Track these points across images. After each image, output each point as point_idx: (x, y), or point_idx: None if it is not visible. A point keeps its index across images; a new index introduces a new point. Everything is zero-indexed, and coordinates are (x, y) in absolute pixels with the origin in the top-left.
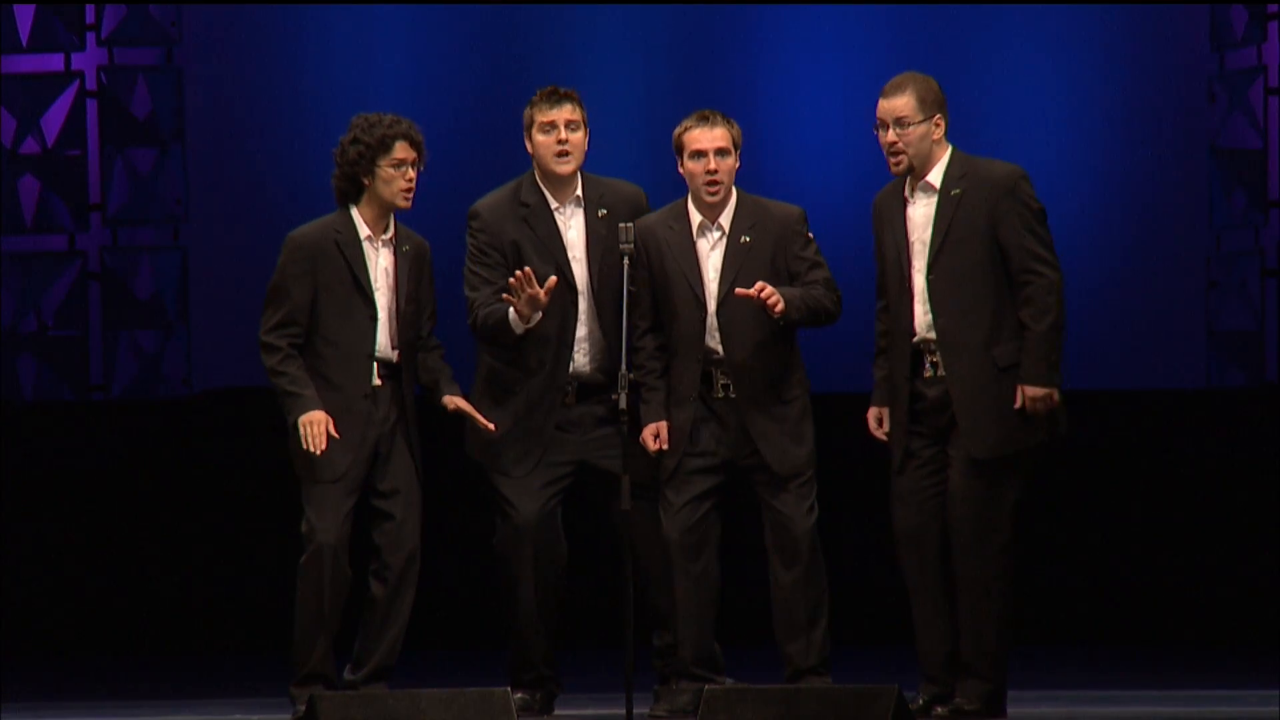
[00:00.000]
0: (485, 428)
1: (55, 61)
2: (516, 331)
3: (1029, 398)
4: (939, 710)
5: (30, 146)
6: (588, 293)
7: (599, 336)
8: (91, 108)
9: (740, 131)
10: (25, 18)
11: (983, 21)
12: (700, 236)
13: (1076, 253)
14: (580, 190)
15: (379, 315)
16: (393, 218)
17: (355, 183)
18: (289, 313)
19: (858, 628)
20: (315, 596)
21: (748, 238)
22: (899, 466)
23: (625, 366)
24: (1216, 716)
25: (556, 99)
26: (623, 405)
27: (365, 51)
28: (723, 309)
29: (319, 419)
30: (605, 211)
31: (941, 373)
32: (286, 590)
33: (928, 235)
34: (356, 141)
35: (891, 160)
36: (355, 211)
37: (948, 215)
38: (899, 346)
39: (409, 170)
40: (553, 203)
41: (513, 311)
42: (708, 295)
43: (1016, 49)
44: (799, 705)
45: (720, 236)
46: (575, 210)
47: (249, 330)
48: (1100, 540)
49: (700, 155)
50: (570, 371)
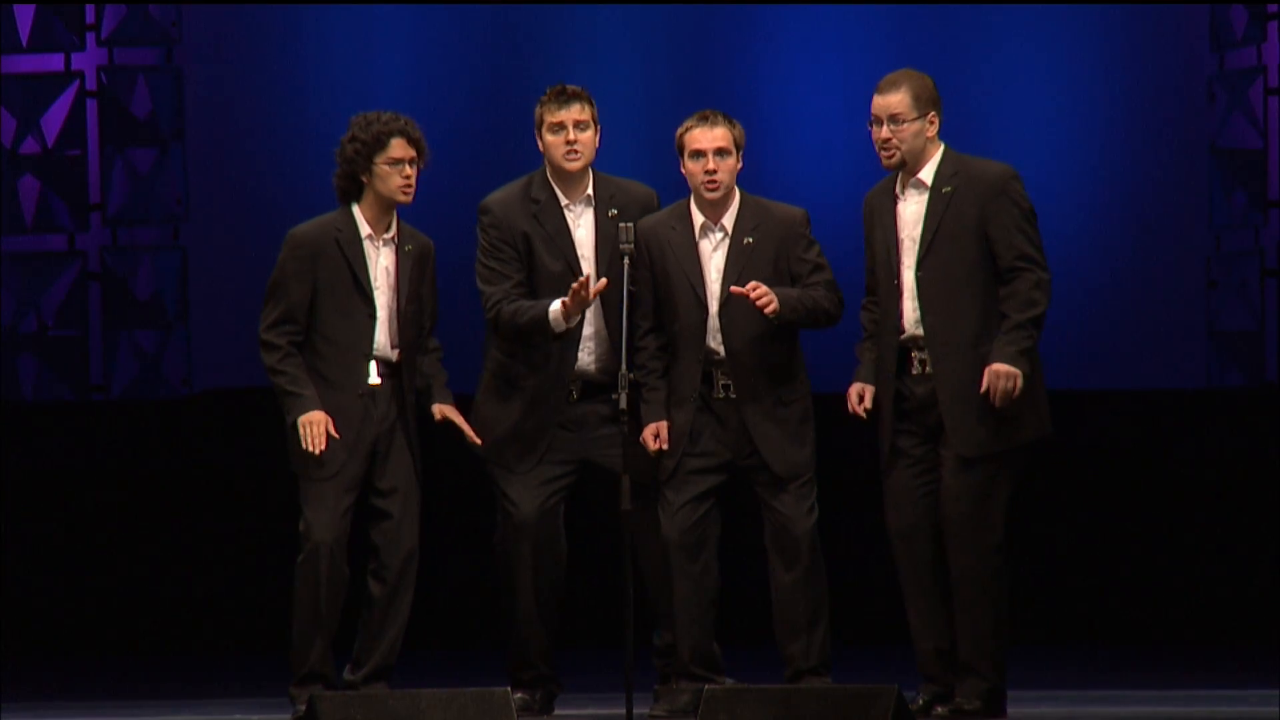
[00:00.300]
0: (472, 441)
1: (55, 61)
2: (557, 330)
3: (991, 373)
4: (939, 710)
5: (30, 146)
6: None
7: (605, 336)
8: (91, 108)
9: (742, 132)
10: (25, 18)
11: (982, 21)
12: (702, 237)
13: (1076, 253)
14: (591, 189)
15: (378, 314)
16: (395, 217)
17: (355, 181)
18: (287, 310)
19: (858, 628)
20: (312, 596)
21: (750, 239)
22: (886, 465)
23: (625, 366)
24: (1216, 716)
25: (565, 99)
26: (623, 405)
27: (365, 51)
28: (725, 309)
29: (319, 419)
30: (616, 212)
31: (929, 370)
32: (286, 590)
33: (918, 233)
34: (354, 140)
35: (883, 154)
36: (357, 210)
37: (938, 213)
38: (887, 344)
39: (406, 168)
40: (563, 200)
41: (558, 310)
42: (709, 296)
43: (1016, 49)
44: (799, 705)
45: (723, 237)
46: (585, 209)
47: (249, 330)
48: (1100, 540)
49: (700, 155)
50: (575, 369)
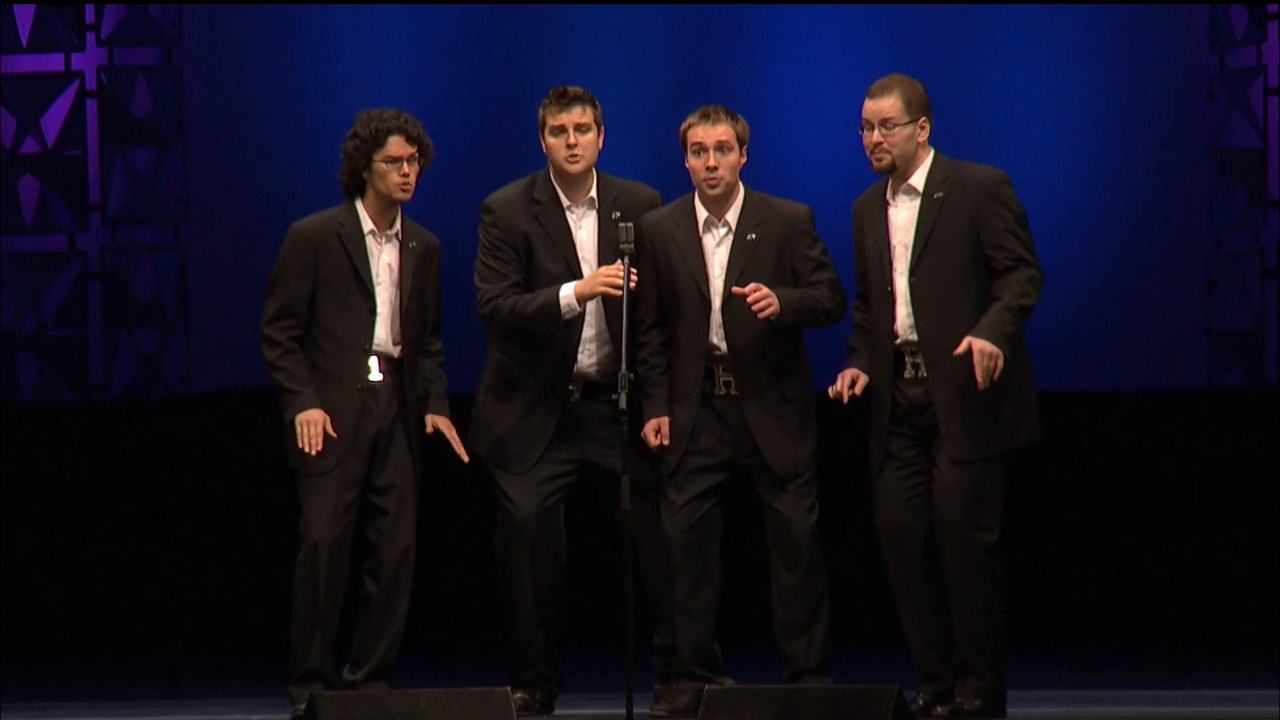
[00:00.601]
0: (460, 457)
1: (55, 61)
2: (567, 316)
3: (976, 350)
4: (939, 710)
5: (30, 146)
6: None
7: (606, 337)
8: (91, 108)
9: (746, 127)
10: (25, 18)
11: (983, 22)
12: (706, 232)
13: (1077, 253)
14: (594, 191)
15: (380, 310)
16: (400, 214)
17: (357, 177)
18: (287, 304)
19: (858, 628)
20: (311, 593)
21: (754, 235)
22: (878, 468)
23: (625, 366)
24: (1216, 716)
25: (566, 102)
26: (623, 405)
27: (365, 51)
28: (728, 305)
29: (316, 418)
30: (619, 214)
31: (923, 374)
32: (286, 590)
33: (910, 238)
34: (355, 136)
35: (874, 159)
36: (360, 205)
37: (930, 218)
38: (880, 349)
39: (404, 165)
40: (565, 201)
41: (570, 292)
42: (712, 291)
43: (1016, 49)
44: (799, 705)
45: (727, 233)
46: (588, 211)
47: (249, 330)
48: (1100, 540)
49: (701, 150)
50: (575, 370)
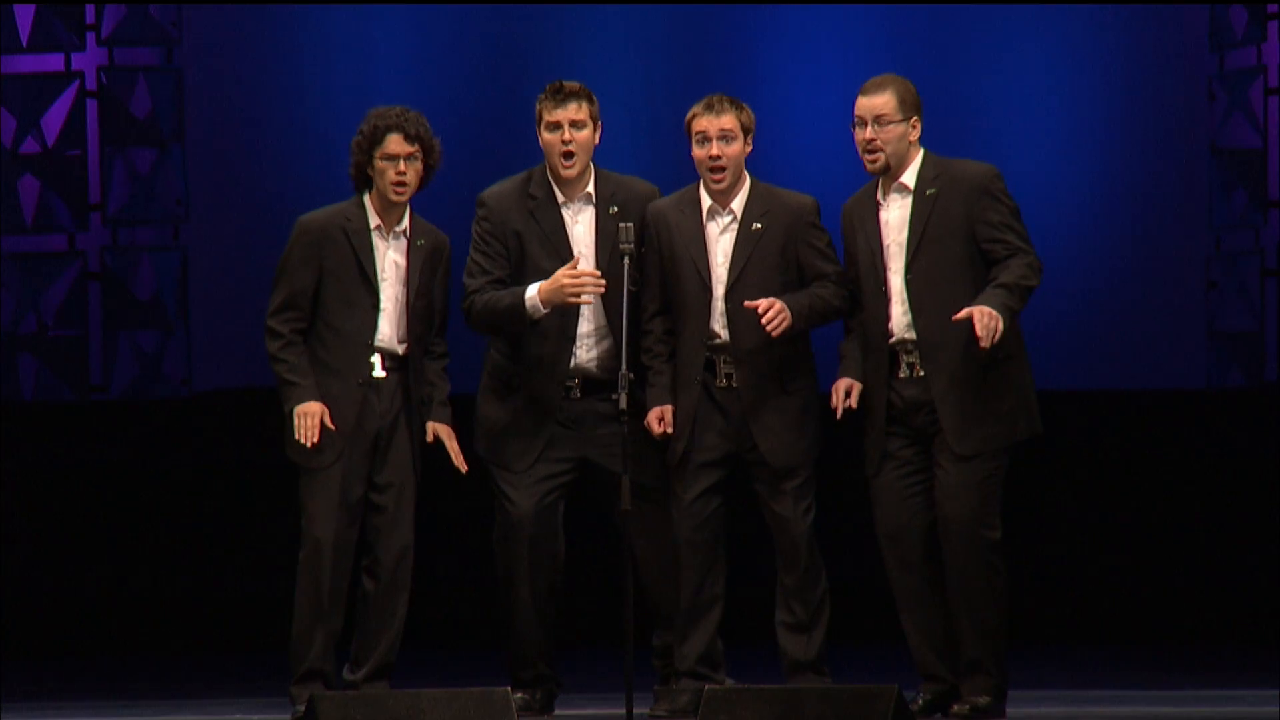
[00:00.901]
0: (459, 466)
1: (55, 61)
2: (533, 316)
3: (978, 311)
4: (955, 708)
5: (30, 146)
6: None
7: (606, 332)
8: (91, 108)
9: (752, 116)
10: (25, 18)
11: (982, 21)
12: (710, 220)
13: (1077, 252)
14: (592, 186)
15: (384, 306)
16: (409, 211)
17: (362, 172)
18: (290, 296)
19: (858, 628)
20: (314, 592)
21: (759, 224)
22: (876, 469)
23: (625, 366)
24: (1216, 716)
25: (561, 98)
26: (623, 405)
27: (365, 51)
28: (731, 294)
29: (314, 410)
30: (617, 209)
31: (918, 373)
32: (286, 590)
33: (904, 237)
34: (360, 132)
35: (867, 158)
36: (368, 200)
37: (924, 215)
38: (875, 349)
39: (400, 164)
40: (560, 197)
41: (534, 293)
42: (714, 280)
43: (1016, 49)
44: (799, 705)
45: (732, 221)
46: (584, 206)
47: (249, 330)
48: (1100, 540)
49: (705, 140)
50: (573, 366)
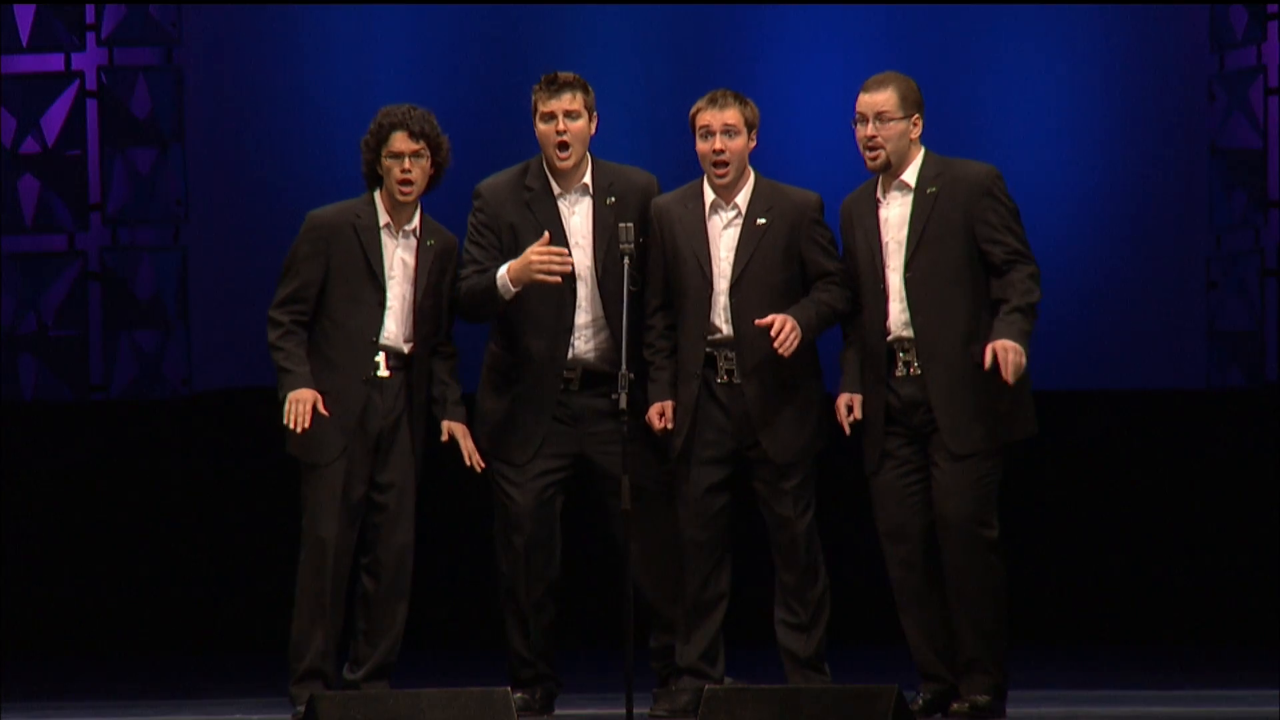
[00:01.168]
0: (476, 464)
1: (55, 61)
2: (505, 296)
3: (1000, 348)
4: (955, 706)
5: (30, 146)
6: (590, 280)
7: (603, 323)
8: (91, 108)
9: (756, 111)
10: (25, 18)
11: (983, 21)
12: (713, 214)
13: (1077, 252)
14: (588, 177)
15: (390, 303)
16: (419, 210)
17: (373, 170)
18: (296, 289)
19: (858, 627)
20: (316, 592)
21: (763, 220)
22: (876, 468)
23: (625, 366)
24: (1216, 716)
25: (555, 88)
26: (623, 405)
27: (365, 51)
28: (735, 289)
29: (306, 397)
30: (614, 199)
31: (915, 371)
32: (286, 590)
33: (903, 235)
34: (369, 130)
35: (868, 155)
36: (378, 198)
37: (924, 213)
38: (873, 348)
39: (406, 162)
40: (556, 189)
41: (504, 272)
42: (717, 274)
43: (1016, 49)
44: (799, 705)
45: (735, 216)
46: (581, 197)
47: (249, 330)
48: (1100, 540)
49: (709, 134)
50: (570, 357)
